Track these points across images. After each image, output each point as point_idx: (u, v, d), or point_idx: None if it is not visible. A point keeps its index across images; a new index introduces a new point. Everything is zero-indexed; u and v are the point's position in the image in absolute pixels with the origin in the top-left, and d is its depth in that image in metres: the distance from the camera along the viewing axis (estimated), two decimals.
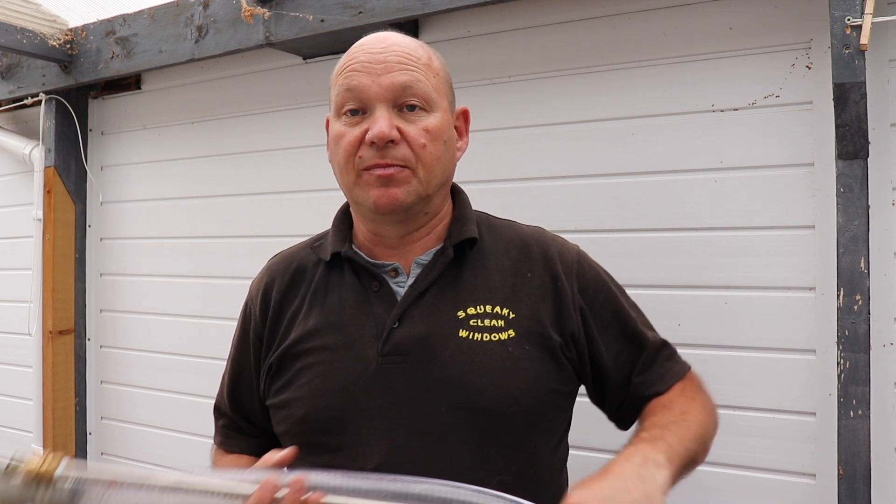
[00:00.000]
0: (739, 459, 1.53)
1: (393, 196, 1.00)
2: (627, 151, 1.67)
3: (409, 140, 1.00)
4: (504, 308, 1.05)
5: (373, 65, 1.01)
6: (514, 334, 1.03)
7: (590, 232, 1.69)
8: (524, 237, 1.14)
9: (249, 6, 1.94)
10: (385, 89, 1.00)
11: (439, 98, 1.04)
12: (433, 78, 1.04)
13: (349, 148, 1.01)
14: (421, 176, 1.01)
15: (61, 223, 2.59)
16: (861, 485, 1.33)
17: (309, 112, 2.15)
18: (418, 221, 1.07)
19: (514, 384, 1.01)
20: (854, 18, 1.31)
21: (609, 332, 1.11)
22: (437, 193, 1.07)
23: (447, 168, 1.07)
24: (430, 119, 1.02)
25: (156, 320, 2.48)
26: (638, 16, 1.67)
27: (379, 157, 0.99)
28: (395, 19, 1.78)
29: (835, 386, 1.39)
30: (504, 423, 1.00)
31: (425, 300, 1.04)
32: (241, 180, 2.28)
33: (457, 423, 0.95)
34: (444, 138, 1.04)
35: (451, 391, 0.99)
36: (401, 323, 1.02)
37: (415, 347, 1.00)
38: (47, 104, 2.58)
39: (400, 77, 1.00)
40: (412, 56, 1.03)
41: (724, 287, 1.57)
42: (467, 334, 1.02)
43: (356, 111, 1.02)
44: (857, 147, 1.34)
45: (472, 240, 1.08)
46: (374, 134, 0.98)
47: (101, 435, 2.64)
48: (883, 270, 1.42)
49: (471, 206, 1.14)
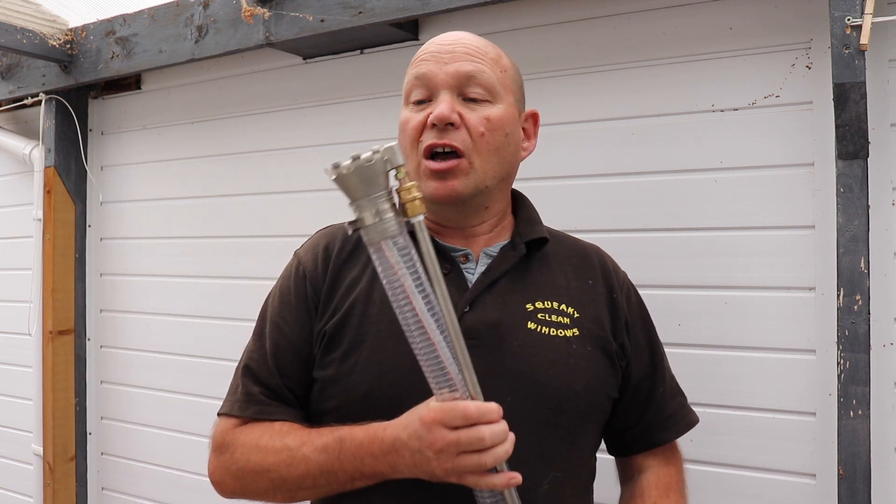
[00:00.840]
0: (739, 459, 1.53)
1: (451, 187, 1.02)
2: (627, 151, 1.67)
3: (468, 126, 1.03)
4: (569, 307, 1.07)
5: (441, 54, 1.06)
6: (578, 333, 1.06)
7: (590, 232, 1.68)
8: (584, 247, 1.19)
9: (249, 6, 1.94)
10: (450, 76, 1.04)
11: (504, 93, 1.07)
12: (500, 72, 1.08)
13: (413, 133, 1.05)
14: (477, 166, 1.04)
15: (61, 223, 2.59)
16: (861, 485, 1.33)
17: (309, 112, 2.15)
18: (479, 215, 1.09)
19: (576, 381, 1.03)
20: (854, 18, 1.31)
21: (642, 357, 1.15)
22: (497, 188, 1.09)
23: (506, 161, 1.08)
24: (492, 109, 1.05)
25: (156, 320, 2.48)
26: (638, 16, 1.67)
27: (438, 137, 1.02)
28: (396, 19, 1.78)
29: (835, 386, 1.39)
30: (563, 418, 1.02)
31: (496, 289, 1.05)
32: (241, 180, 2.28)
33: (520, 414, 0.95)
34: (505, 130, 1.06)
35: (517, 381, 1.00)
36: (472, 308, 1.03)
37: (486, 333, 1.01)
38: (47, 104, 2.58)
39: (465, 66, 1.04)
40: (480, 50, 1.07)
41: (724, 287, 1.57)
42: (535, 327, 1.04)
43: (423, 101, 1.06)
44: (857, 147, 1.34)
45: (543, 239, 1.11)
46: (434, 115, 1.02)
47: (101, 435, 2.64)
48: (883, 270, 1.42)
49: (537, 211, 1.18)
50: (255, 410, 1.05)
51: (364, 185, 0.86)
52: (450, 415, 0.85)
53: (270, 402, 1.05)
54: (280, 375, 1.06)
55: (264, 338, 1.09)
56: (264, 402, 1.05)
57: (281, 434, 1.00)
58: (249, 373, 1.08)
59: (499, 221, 1.12)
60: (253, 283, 2.22)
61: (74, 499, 2.60)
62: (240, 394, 1.07)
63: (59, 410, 2.56)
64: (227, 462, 1.03)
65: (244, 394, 1.06)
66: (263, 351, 1.08)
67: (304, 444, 0.97)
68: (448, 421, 0.85)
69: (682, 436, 1.20)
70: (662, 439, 1.17)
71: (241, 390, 1.07)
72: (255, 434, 1.02)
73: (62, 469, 2.57)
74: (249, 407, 1.05)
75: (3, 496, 2.86)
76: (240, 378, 1.09)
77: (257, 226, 2.24)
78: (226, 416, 1.07)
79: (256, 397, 1.05)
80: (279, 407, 1.05)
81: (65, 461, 2.58)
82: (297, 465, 0.96)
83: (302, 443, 0.97)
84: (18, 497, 2.81)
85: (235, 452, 1.02)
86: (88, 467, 2.64)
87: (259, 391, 1.05)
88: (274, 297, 1.12)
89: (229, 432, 1.05)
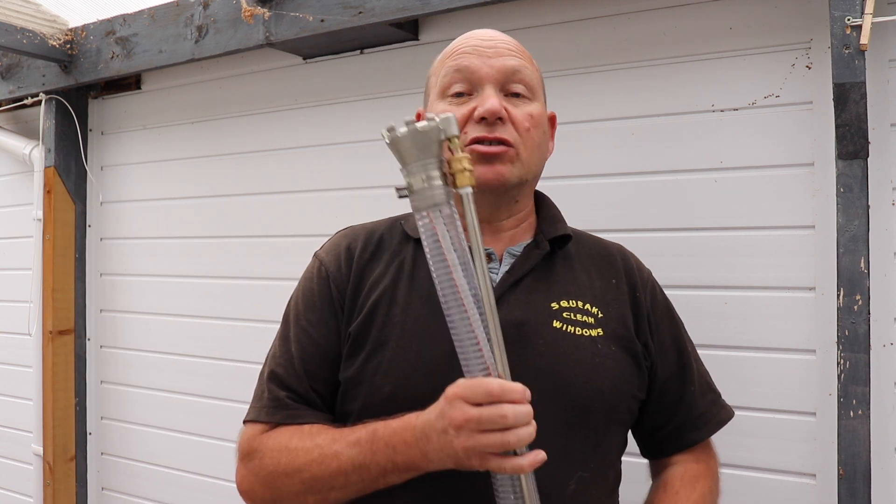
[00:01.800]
0: (739, 459, 1.53)
1: (499, 172, 1.02)
2: (627, 151, 1.67)
3: (515, 122, 1.03)
4: (594, 307, 1.07)
5: (484, 48, 1.06)
6: (603, 333, 1.05)
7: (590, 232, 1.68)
8: (607, 246, 1.19)
9: (249, 6, 1.94)
10: (496, 71, 1.04)
11: (539, 91, 1.10)
12: (535, 72, 1.10)
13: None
14: (524, 158, 1.04)
15: (61, 223, 2.59)
16: (861, 485, 1.33)
17: (309, 112, 2.15)
18: (509, 208, 1.09)
19: (601, 380, 1.02)
20: (854, 18, 1.31)
21: (667, 356, 1.14)
22: (530, 184, 1.10)
23: (543, 158, 1.11)
24: (533, 106, 1.07)
25: (156, 320, 2.48)
26: (638, 16, 1.67)
27: (487, 131, 1.01)
28: (395, 19, 1.78)
29: (835, 386, 1.39)
30: (589, 418, 1.01)
31: (521, 288, 1.05)
32: (241, 180, 2.28)
33: (546, 413, 0.93)
34: (543, 128, 1.09)
35: (542, 380, 0.98)
36: (497, 307, 1.00)
37: (512, 332, 0.99)
38: (47, 104, 2.58)
39: (510, 62, 1.05)
40: (519, 47, 1.09)
41: (724, 287, 1.57)
42: (561, 325, 1.03)
43: (462, 94, 1.05)
44: (857, 147, 1.34)
45: (566, 237, 1.11)
46: (485, 109, 1.01)
47: (101, 435, 2.64)
48: (883, 270, 1.42)
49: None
50: (284, 415, 1.02)
51: (416, 151, 0.86)
52: (472, 391, 0.84)
53: (299, 407, 1.03)
54: (308, 379, 1.04)
55: (290, 342, 1.06)
56: (293, 406, 1.03)
57: (311, 435, 0.98)
58: (276, 378, 1.05)
59: (524, 218, 1.12)
60: (253, 283, 2.22)
61: (74, 499, 2.60)
62: (266, 399, 1.04)
63: (59, 410, 2.56)
64: (255, 468, 1.00)
65: (271, 399, 1.04)
66: (290, 356, 1.05)
67: (335, 440, 0.95)
68: (470, 397, 0.84)
69: (713, 434, 1.18)
70: (693, 440, 1.16)
71: (268, 395, 1.04)
72: (285, 437, 1.00)
73: (62, 469, 2.57)
74: (277, 412, 1.03)
75: (3, 496, 2.86)
76: (265, 384, 1.06)
77: (257, 226, 2.24)
78: (252, 422, 1.04)
79: (284, 402, 1.03)
80: (307, 410, 1.03)
81: (65, 461, 2.58)
82: (328, 463, 0.94)
83: (333, 440, 0.95)
84: (18, 497, 2.81)
85: (265, 458, 0.99)
86: (88, 467, 2.64)
87: (286, 395, 1.03)
88: (297, 301, 1.10)
89: (256, 438, 1.02)
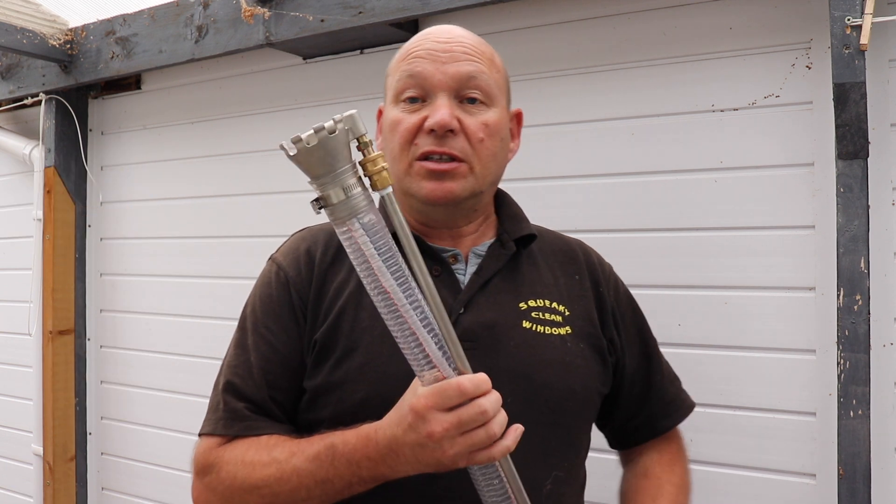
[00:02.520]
0: (739, 459, 1.53)
1: (448, 189, 0.98)
2: (627, 151, 1.67)
3: (467, 133, 0.99)
4: (560, 305, 1.06)
5: (438, 52, 1.00)
6: (571, 331, 1.04)
7: (590, 232, 1.68)
8: (568, 242, 1.17)
9: (249, 6, 1.94)
10: (450, 77, 0.99)
11: (499, 95, 1.04)
12: (495, 73, 1.03)
13: (406, 135, 0.99)
14: (477, 171, 1.00)
15: (61, 223, 2.59)
16: (861, 485, 1.33)
17: (309, 112, 2.15)
18: (467, 217, 1.06)
19: (573, 379, 1.02)
20: (854, 18, 1.31)
21: (634, 348, 1.15)
22: (488, 191, 1.06)
23: (500, 166, 1.06)
24: (489, 114, 1.01)
25: (156, 320, 2.48)
26: (638, 16, 1.67)
27: (437, 144, 0.98)
28: (395, 19, 1.78)
29: (835, 386, 1.39)
30: (563, 418, 1.01)
31: (489, 289, 1.03)
32: (241, 180, 2.28)
33: (522, 415, 0.91)
34: (500, 135, 1.03)
35: (516, 381, 0.97)
36: (467, 309, 1.00)
37: (484, 334, 0.98)
38: (47, 104, 2.58)
39: (465, 67, 0.99)
40: (477, 49, 1.03)
41: (724, 287, 1.57)
42: (530, 325, 1.02)
43: (416, 99, 1.00)
44: (857, 147, 1.34)
45: (531, 236, 1.09)
46: (434, 121, 0.97)
47: (101, 435, 2.64)
48: (883, 270, 1.42)
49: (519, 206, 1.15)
50: (241, 427, 0.97)
51: (328, 160, 0.78)
52: (444, 395, 0.80)
53: (257, 418, 0.98)
54: (268, 388, 0.99)
55: (248, 350, 1.02)
56: (250, 417, 0.98)
57: (268, 447, 0.94)
58: (232, 388, 1.00)
59: (484, 220, 1.10)
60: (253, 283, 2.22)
61: (74, 499, 2.60)
62: (222, 411, 0.99)
63: (59, 410, 2.56)
64: (212, 483, 0.96)
65: (227, 410, 0.99)
66: (248, 364, 1.01)
67: (293, 454, 0.91)
68: (443, 403, 0.80)
69: (683, 420, 1.19)
70: (665, 426, 1.17)
71: (224, 407, 0.99)
72: (241, 449, 0.95)
73: (62, 469, 2.57)
74: (234, 424, 0.98)
75: (3, 496, 2.86)
76: (221, 395, 1.01)
77: (257, 226, 2.24)
78: (208, 435, 0.99)
79: (241, 413, 0.98)
80: (266, 422, 0.98)
81: (65, 461, 2.58)
82: (287, 479, 0.90)
83: (291, 454, 0.91)
84: (18, 497, 2.81)
85: (221, 472, 0.95)
86: (88, 467, 2.64)
87: (243, 406, 0.98)
88: (255, 307, 1.06)
89: (212, 452, 0.97)
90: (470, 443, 0.81)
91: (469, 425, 0.80)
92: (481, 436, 0.81)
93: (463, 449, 0.81)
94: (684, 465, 1.17)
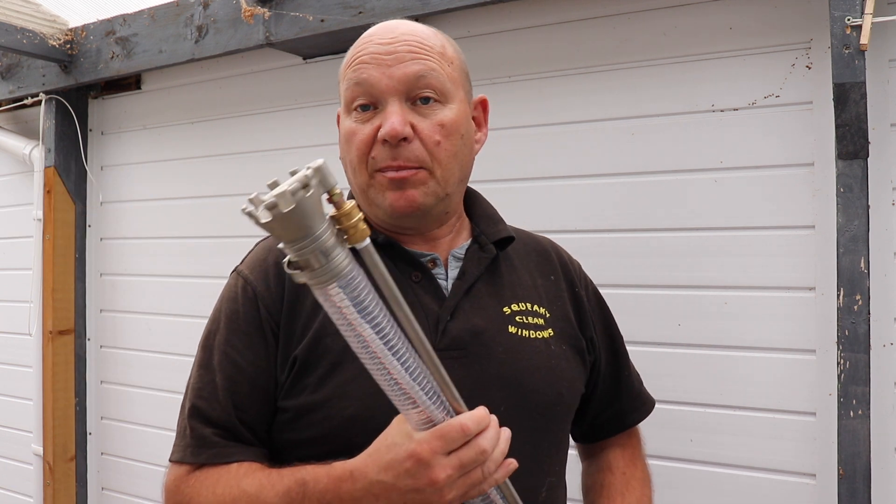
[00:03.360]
0: (739, 459, 1.53)
1: (410, 198, 0.94)
2: (627, 151, 1.67)
3: (422, 137, 0.94)
4: (541, 307, 1.04)
5: (382, 56, 0.94)
6: (553, 333, 1.03)
7: (590, 232, 1.68)
8: (541, 242, 1.15)
9: (249, 6, 1.94)
10: (397, 81, 0.93)
11: (455, 88, 0.98)
12: (447, 67, 0.98)
13: (362, 147, 0.95)
14: (438, 175, 0.95)
15: (61, 223, 2.59)
16: (861, 485, 1.33)
17: (309, 112, 2.15)
18: (439, 220, 1.02)
19: (560, 383, 1.01)
20: (854, 18, 1.31)
21: (604, 344, 1.14)
22: (457, 191, 1.01)
23: (465, 163, 1.01)
24: (445, 112, 0.96)
25: (156, 320, 2.48)
26: (638, 16, 1.67)
27: (391, 157, 0.93)
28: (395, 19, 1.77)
29: (835, 386, 1.39)
30: (553, 423, 1.01)
31: (473, 294, 1.00)
32: (241, 180, 2.28)
33: (515, 422, 0.88)
34: (460, 132, 0.98)
35: (507, 388, 0.95)
36: (453, 316, 0.97)
37: (471, 341, 0.96)
38: (47, 104, 2.58)
39: (412, 67, 0.94)
40: (424, 45, 0.97)
41: (724, 287, 1.57)
42: (515, 330, 1.00)
43: (367, 106, 0.96)
44: (857, 147, 1.34)
45: (509, 238, 1.06)
46: (385, 131, 0.92)
47: (101, 435, 2.64)
48: (883, 270, 1.42)
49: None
50: (210, 455, 0.93)
51: (306, 222, 0.68)
52: (447, 438, 0.77)
53: (227, 444, 0.93)
54: (235, 411, 0.94)
55: (213, 371, 0.96)
56: (219, 443, 0.93)
57: (237, 478, 0.90)
58: (198, 413, 0.95)
59: (457, 220, 1.06)
60: None
61: (74, 499, 2.60)
62: (189, 437, 0.95)
63: (59, 410, 2.56)
64: None
65: (194, 437, 0.94)
66: (213, 386, 0.95)
67: (263, 488, 0.87)
68: (447, 447, 0.77)
69: (648, 416, 1.19)
70: (634, 420, 1.17)
71: (191, 433, 0.95)
72: (211, 480, 0.91)
73: (62, 469, 2.57)
74: (202, 452, 0.93)
75: (3, 496, 2.86)
76: (187, 420, 0.96)
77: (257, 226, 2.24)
78: (177, 463, 0.95)
79: (209, 439, 0.93)
80: (236, 447, 0.93)
81: (65, 461, 2.58)
82: None
83: (261, 486, 0.87)
84: (18, 497, 2.81)
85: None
86: (88, 467, 2.64)
87: (212, 432, 0.93)
88: (219, 324, 1.00)
89: (182, 481, 0.94)
90: (469, 483, 0.80)
91: (469, 467, 0.79)
92: (477, 476, 0.80)
93: (460, 492, 0.80)
94: (645, 460, 1.18)
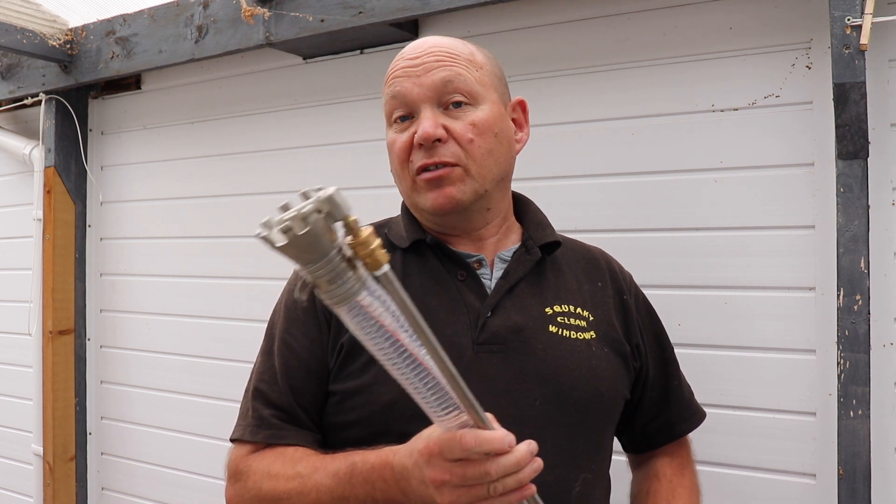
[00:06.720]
0: (739, 459, 1.53)
1: (448, 195, 1.01)
2: (627, 151, 1.67)
3: (456, 137, 1.01)
4: (585, 310, 1.07)
5: (412, 68, 1.03)
6: (595, 336, 1.06)
7: (590, 232, 1.68)
8: (590, 250, 1.19)
9: (249, 6, 1.94)
10: (427, 89, 1.02)
11: (485, 91, 1.05)
12: (476, 72, 1.04)
13: (401, 154, 1.03)
14: (473, 172, 1.02)
15: (61, 223, 2.59)
16: (861, 485, 1.33)
17: (309, 112, 2.15)
18: (483, 217, 1.07)
19: (600, 383, 1.04)
20: (854, 18, 1.31)
21: (654, 353, 1.17)
22: (496, 188, 1.07)
23: (501, 161, 1.06)
24: (476, 113, 1.03)
25: (156, 320, 2.48)
26: (638, 16, 1.67)
27: (427, 156, 1.00)
28: (395, 19, 1.77)
29: (835, 386, 1.39)
30: (589, 420, 1.03)
31: (515, 293, 1.05)
32: (241, 180, 2.28)
33: (550, 417, 0.94)
34: (494, 131, 1.04)
35: (544, 384, 0.99)
36: (494, 313, 1.02)
37: (511, 337, 1.00)
38: (47, 104, 2.58)
39: (439, 74, 1.02)
40: (451, 53, 1.04)
41: (724, 287, 1.57)
42: (556, 330, 1.03)
43: (405, 117, 1.04)
44: (857, 147, 1.34)
45: (556, 243, 1.10)
46: (419, 135, 1.00)
47: (101, 435, 2.64)
48: (883, 270, 1.42)
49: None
50: (267, 435, 1.02)
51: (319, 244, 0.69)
52: (447, 447, 0.80)
53: (283, 426, 1.02)
54: (292, 394, 1.02)
55: (273, 356, 1.05)
56: (277, 425, 1.02)
57: (293, 461, 0.98)
58: (260, 395, 1.04)
59: (503, 222, 1.11)
60: (253, 283, 2.22)
61: (74, 499, 2.60)
62: (251, 418, 1.04)
63: (59, 410, 2.56)
64: (241, 490, 1.01)
65: (255, 417, 1.03)
66: (273, 371, 1.04)
67: (316, 470, 0.94)
68: (446, 454, 0.80)
69: (698, 426, 1.22)
70: (683, 430, 1.20)
71: (252, 414, 1.04)
72: (268, 460, 1.00)
73: (62, 469, 2.57)
74: (261, 431, 1.02)
75: (3, 496, 2.86)
76: (250, 401, 1.05)
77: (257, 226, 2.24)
78: (238, 441, 1.05)
79: (268, 420, 1.02)
80: (292, 430, 1.02)
81: (65, 461, 2.58)
82: (308, 493, 0.94)
83: (314, 469, 0.95)
84: (18, 497, 2.81)
85: (248, 481, 1.00)
86: (88, 467, 2.64)
87: (271, 413, 1.03)
88: (280, 313, 1.09)
89: (242, 459, 1.02)
90: (471, 495, 0.81)
91: (470, 482, 0.80)
92: (480, 493, 0.80)
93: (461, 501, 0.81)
94: (694, 469, 1.20)
